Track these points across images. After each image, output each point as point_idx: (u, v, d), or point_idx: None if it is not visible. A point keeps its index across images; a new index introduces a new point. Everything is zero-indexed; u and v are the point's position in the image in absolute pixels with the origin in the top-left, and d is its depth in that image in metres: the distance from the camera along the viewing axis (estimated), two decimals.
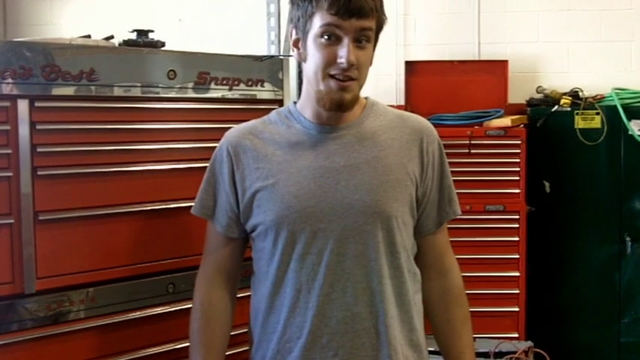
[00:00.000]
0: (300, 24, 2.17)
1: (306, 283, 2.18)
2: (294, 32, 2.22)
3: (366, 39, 2.13)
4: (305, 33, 2.16)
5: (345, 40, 2.09)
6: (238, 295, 2.43)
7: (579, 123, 4.93)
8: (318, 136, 2.25)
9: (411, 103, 5.33)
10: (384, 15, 2.20)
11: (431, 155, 2.32)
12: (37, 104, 2.51)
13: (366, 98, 2.36)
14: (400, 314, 2.24)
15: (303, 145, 2.25)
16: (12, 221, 2.49)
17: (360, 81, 2.18)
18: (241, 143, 2.29)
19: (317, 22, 2.11)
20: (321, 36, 2.11)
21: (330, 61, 2.11)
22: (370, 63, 2.22)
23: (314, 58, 2.14)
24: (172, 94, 2.84)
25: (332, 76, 2.12)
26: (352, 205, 2.17)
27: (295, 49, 2.24)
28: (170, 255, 2.82)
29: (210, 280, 2.36)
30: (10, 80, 2.44)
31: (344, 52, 2.08)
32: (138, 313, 2.76)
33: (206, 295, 2.36)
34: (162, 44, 2.97)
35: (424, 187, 2.31)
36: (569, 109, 4.98)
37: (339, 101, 2.15)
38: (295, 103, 2.35)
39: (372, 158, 2.23)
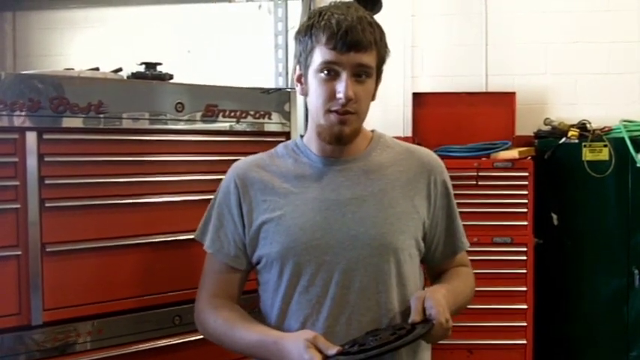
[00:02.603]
0: (302, 59, 2.20)
1: (311, 316, 2.18)
2: (297, 68, 2.25)
3: (366, 74, 2.15)
4: (306, 68, 2.19)
5: (344, 75, 2.11)
6: None
7: (587, 155, 4.92)
8: (324, 169, 2.26)
9: (418, 135, 5.33)
10: (386, 48, 2.21)
11: (439, 188, 2.33)
12: (45, 136, 2.52)
13: (372, 131, 2.37)
14: (406, 348, 2.22)
15: (309, 178, 2.26)
16: (19, 253, 2.49)
17: (360, 115, 2.19)
18: (248, 175, 2.30)
19: (317, 58, 2.14)
20: (321, 71, 2.13)
21: (329, 97, 2.13)
22: (373, 98, 2.24)
23: (315, 93, 2.17)
24: (180, 127, 2.85)
25: (332, 111, 2.14)
26: (357, 237, 2.18)
27: (298, 84, 2.26)
28: (176, 287, 2.81)
29: (213, 299, 2.32)
30: (18, 112, 2.45)
31: (342, 88, 2.10)
32: (144, 345, 2.75)
33: (213, 304, 2.31)
34: (170, 77, 2.99)
35: (431, 221, 2.32)
36: (576, 141, 4.97)
37: (339, 134, 2.17)
38: (302, 136, 2.36)
39: (378, 191, 2.24)
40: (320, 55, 2.13)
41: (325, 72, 2.13)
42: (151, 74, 2.94)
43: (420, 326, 2.04)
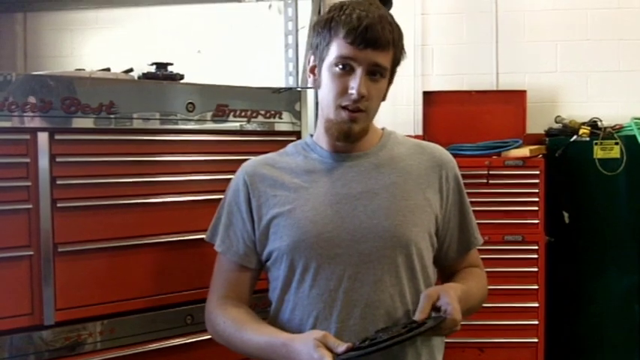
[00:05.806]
0: (319, 51, 2.20)
1: (323, 310, 2.16)
2: (312, 59, 2.25)
3: (380, 74, 2.15)
4: (321, 60, 2.19)
5: (358, 72, 2.11)
6: None
7: (598, 153, 4.90)
8: (334, 164, 2.27)
9: (429, 134, 5.32)
10: (403, 50, 2.21)
11: (451, 183, 2.33)
12: (56, 137, 2.53)
13: (382, 129, 2.37)
14: (422, 340, 2.21)
15: (319, 173, 2.26)
16: (31, 253, 2.50)
17: (370, 113, 2.20)
18: (258, 172, 2.30)
19: (333, 51, 2.14)
20: (336, 65, 2.13)
21: (342, 92, 2.13)
22: (384, 98, 2.24)
23: (327, 86, 2.17)
24: (191, 126, 2.86)
25: (343, 107, 2.14)
26: (370, 229, 2.17)
27: (311, 75, 2.27)
28: (188, 286, 2.82)
29: (224, 300, 2.32)
30: (30, 113, 2.46)
31: (355, 84, 2.11)
32: (156, 344, 2.76)
33: (223, 305, 2.31)
34: (181, 77, 3.00)
35: (443, 216, 2.31)
36: (587, 139, 4.94)
37: (347, 132, 2.18)
38: (312, 136, 2.36)
39: (390, 184, 2.24)
40: (337, 48, 2.13)
41: (340, 66, 2.13)
42: (162, 74, 2.96)
43: (432, 320, 2.04)
